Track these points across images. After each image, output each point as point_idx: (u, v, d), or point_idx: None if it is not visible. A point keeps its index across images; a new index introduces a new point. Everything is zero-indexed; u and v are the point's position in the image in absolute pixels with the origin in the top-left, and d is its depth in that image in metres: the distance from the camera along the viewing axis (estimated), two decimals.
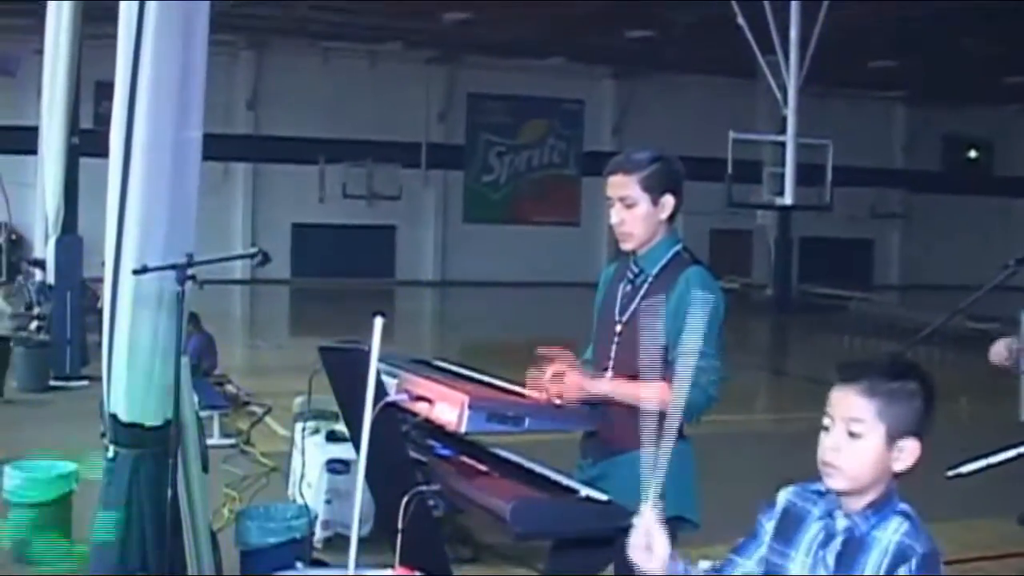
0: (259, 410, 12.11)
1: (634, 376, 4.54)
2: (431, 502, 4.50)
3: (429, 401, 4.57)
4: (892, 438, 3.13)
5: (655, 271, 4.62)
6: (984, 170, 34.41)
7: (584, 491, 4.36)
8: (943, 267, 29.09)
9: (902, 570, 3.07)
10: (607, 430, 4.57)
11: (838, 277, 29.93)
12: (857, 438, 3.15)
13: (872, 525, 3.16)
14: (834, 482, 3.20)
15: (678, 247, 4.67)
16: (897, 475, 3.16)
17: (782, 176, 22.68)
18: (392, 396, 4.60)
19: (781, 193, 22.84)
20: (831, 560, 3.21)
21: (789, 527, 3.34)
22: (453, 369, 5.21)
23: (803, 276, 29.50)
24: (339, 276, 29.89)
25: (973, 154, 35.10)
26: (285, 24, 27.96)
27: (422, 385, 4.70)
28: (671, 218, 4.66)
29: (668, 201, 4.61)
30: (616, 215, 4.64)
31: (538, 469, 4.58)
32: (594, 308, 4.88)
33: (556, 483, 4.48)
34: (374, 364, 4.02)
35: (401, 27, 27.73)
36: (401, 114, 31.51)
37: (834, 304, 27.50)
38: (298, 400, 8.94)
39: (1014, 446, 4.76)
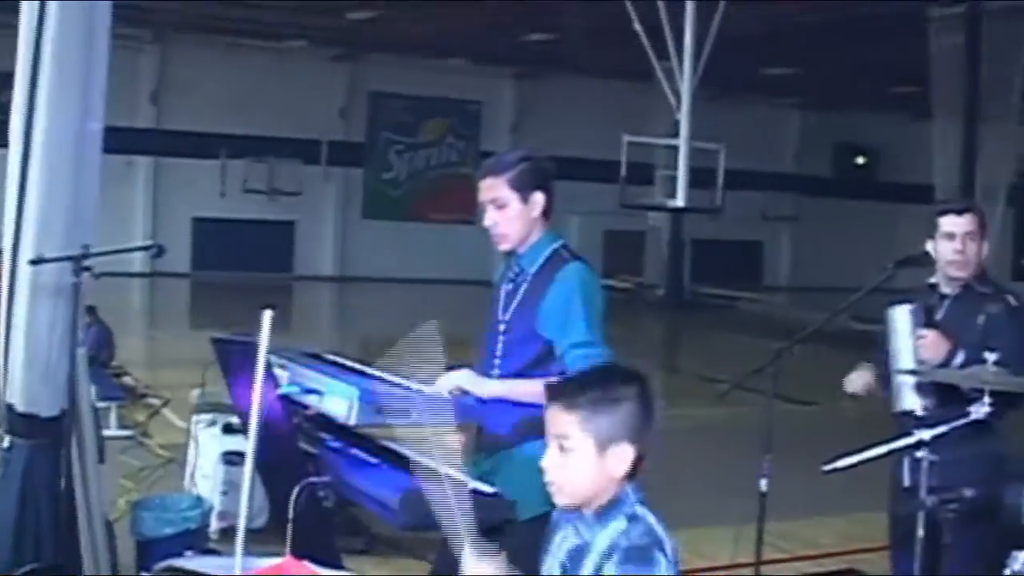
0: (157, 402, 12.12)
1: (520, 373, 4.70)
2: (321, 493, 4.56)
3: (320, 394, 4.66)
4: (603, 447, 3.23)
5: (534, 269, 4.75)
6: (871, 176, 35.03)
7: (471, 483, 4.45)
8: (831, 269, 29.56)
9: (607, 567, 3.16)
10: (496, 425, 4.71)
11: (729, 278, 30.35)
12: (569, 453, 3.24)
13: (596, 531, 3.26)
14: (558, 499, 3.33)
15: (556, 245, 4.80)
16: (630, 477, 3.26)
17: (675, 179, 23.03)
18: (283, 388, 4.69)
19: (674, 195, 23.18)
20: (560, 568, 3.36)
21: (548, 536, 3.49)
22: (344, 362, 5.24)
23: (695, 276, 29.87)
24: (239, 270, 29.75)
25: (861, 160, 35.70)
26: (190, 19, 27.77)
27: (313, 378, 4.78)
28: (546, 215, 4.78)
29: (538, 198, 4.73)
30: (489, 218, 4.76)
31: (427, 461, 4.69)
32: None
33: (445, 475, 4.58)
34: (262, 356, 4.05)
35: (306, 24, 27.66)
36: (304, 111, 31.43)
37: (724, 304, 27.95)
38: (195, 392, 9.00)
39: (888, 441, 4.97)
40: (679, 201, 23.08)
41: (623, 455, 3.25)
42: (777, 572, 7.71)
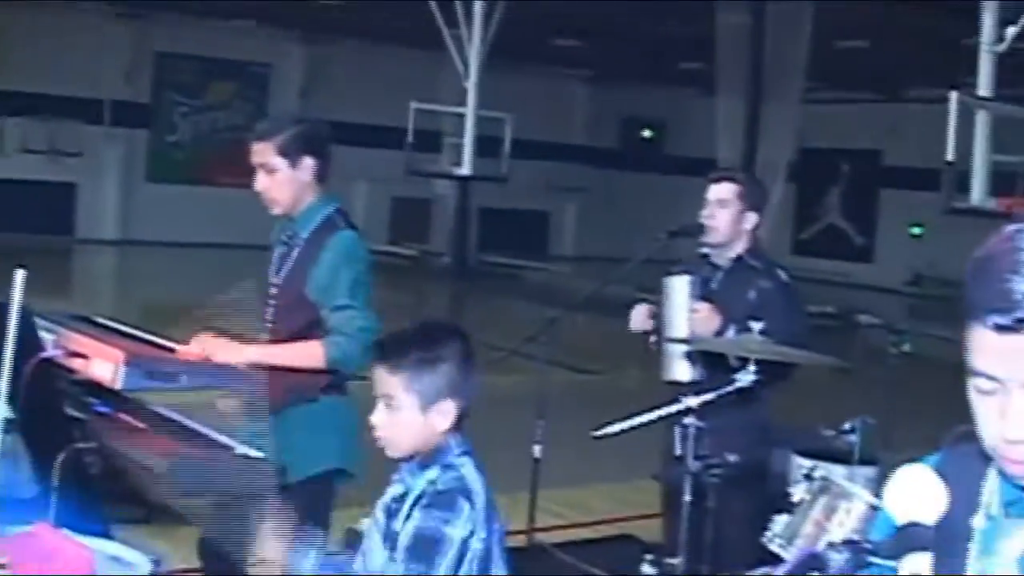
0: None
1: (291, 336, 4.71)
2: (87, 460, 4.46)
3: (85, 357, 4.56)
4: (426, 405, 3.41)
5: (306, 234, 4.80)
6: (658, 149, 35.60)
7: (239, 448, 4.38)
8: (616, 240, 29.90)
9: (416, 510, 3.35)
10: (263, 390, 4.68)
11: (515, 247, 30.54)
12: (395, 411, 3.42)
13: (416, 478, 3.44)
14: (389, 452, 3.50)
15: (330, 210, 4.86)
16: (451, 430, 3.44)
17: (462, 147, 23.12)
18: (47, 352, 4.57)
19: (460, 164, 23.28)
20: (383, 509, 3.53)
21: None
22: (113, 326, 5.15)
23: (481, 245, 29.98)
24: (16, 232, 28.85)
25: (648, 134, 36.24)
26: None
27: (79, 341, 4.64)
28: (320, 180, 4.80)
29: (308, 163, 4.78)
30: (259, 182, 4.80)
31: (196, 427, 4.63)
32: None
33: (213, 441, 4.54)
34: (14, 318, 3.91)
35: None
36: (87, 69, 30.55)
37: (510, 272, 28.15)
38: None
39: (659, 407, 5.05)
40: (465, 169, 23.20)
41: (446, 411, 3.43)
42: (553, 539, 7.80)
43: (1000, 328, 1.81)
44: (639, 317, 5.94)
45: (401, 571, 3.31)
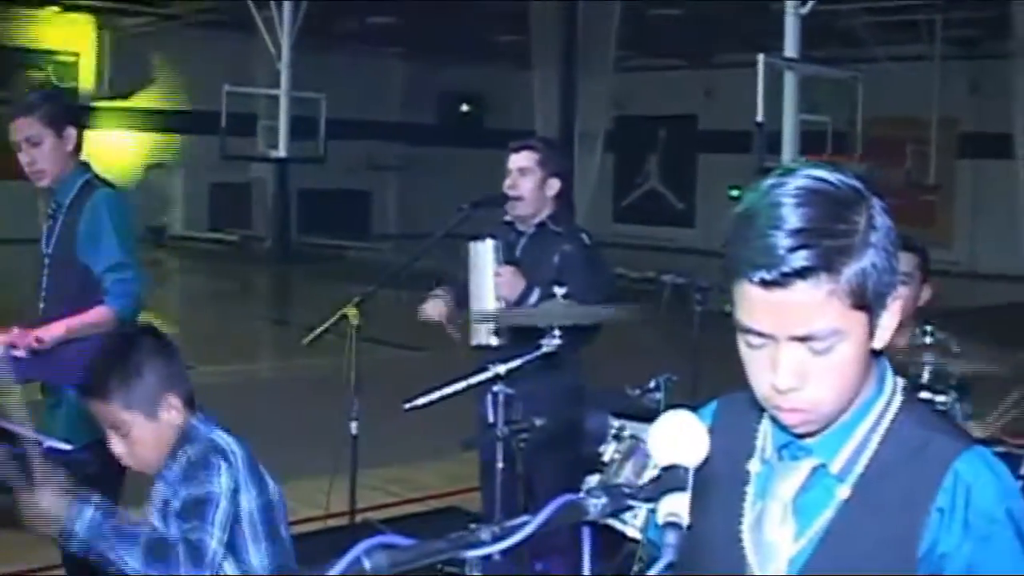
0: None
1: (67, 300, 4.76)
2: None
3: None
4: (152, 411, 3.42)
5: (67, 202, 4.94)
6: (477, 124, 35.62)
7: (47, 442, 4.37)
8: (439, 216, 29.90)
9: (180, 487, 3.36)
10: (57, 374, 4.73)
11: (337, 227, 30.33)
12: (129, 434, 3.42)
13: (170, 467, 3.44)
14: (148, 471, 3.53)
15: (88, 176, 5.04)
16: (187, 416, 3.46)
17: (276, 129, 22.94)
18: None
19: (276, 146, 23.10)
20: (160, 522, 3.48)
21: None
22: None
23: (302, 227, 29.71)
24: None
25: (466, 108, 36.24)
26: None
27: None
28: (77, 151, 5.01)
29: (71, 133, 4.97)
30: (25, 156, 4.90)
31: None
32: None
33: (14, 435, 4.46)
34: None
35: None
36: None
37: (333, 254, 27.96)
38: None
39: (466, 376, 5.05)
40: (281, 151, 23.06)
41: (174, 405, 3.43)
42: (381, 516, 7.78)
43: (766, 283, 1.84)
44: (431, 310, 5.98)
45: (175, 531, 3.31)
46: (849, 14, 22.59)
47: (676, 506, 1.71)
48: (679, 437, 1.79)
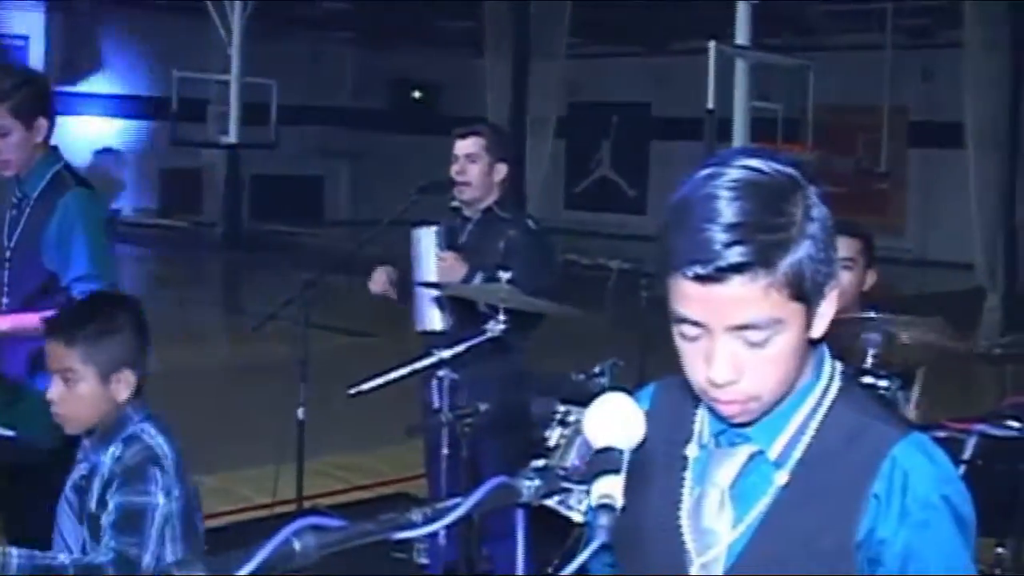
0: None
1: (25, 300, 4.63)
2: None
3: None
4: (105, 376, 3.41)
5: (35, 194, 4.70)
6: (431, 110, 35.52)
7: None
8: (392, 202, 29.87)
9: (109, 494, 3.34)
10: (5, 363, 4.60)
11: (291, 214, 30.22)
12: (74, 384, 3.40)
13: (100, 453, 3.42)
14: (67, 429, 3.50)
15: (58, 167, 4.77)
16: (130, 399, 3.45)
17: (227, 115, 22.86)
18: None
19: (227, 132, 23.01)
20: (73, 488, 3.50)
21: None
22: None
23: (254, 213, 29.57)
24: None
25: (419, 95, 36.15)
26: None
27: None
28: (47, 140, 4.74)
29: (41, 124, 4.69)
30: None
31: None
32: None
33: None
34: None
35: None
36: None
37: (285, 240, 27.87)
38: None
39: (411, 361, 5.04)
40: (232, 137, 22.98)
41: (126, 381, 3.43)
42: (329, 502, 7.77)
43: (700, 278, 1.82)
44: (379, 279, 5.99)
45: (112, 546, 3.29)
46: (801, 2, 22.70)
47: (609, 488, 1.71)
48: (614, 420, 1.79)
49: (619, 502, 1.71)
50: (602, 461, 1.75)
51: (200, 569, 1.40)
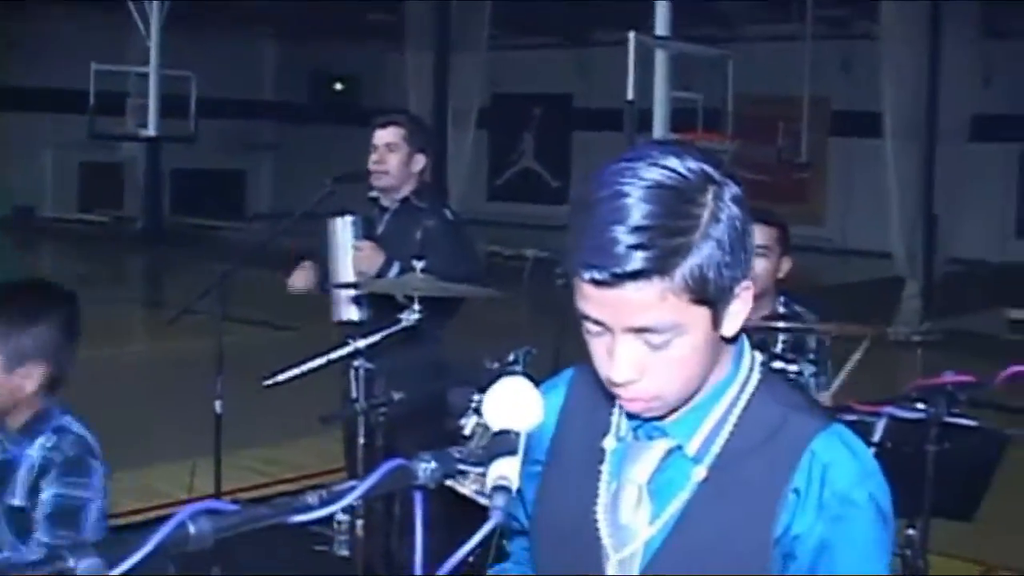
0: None
1: None
2: None
3: None
4: (12, 366, 3.29)
5: None
6: (353, 102, 35.38)
7: None
8: (314, 195, 29.81)
9: (45, 483, 3.26)
10: None
11: (212, 207, 30.02)
12: None
13: (24, 446, 3.32)
14: None
15: None
16: (45, 394, 3.36)
17: (147, 108, 22.69)
18: None
19: (146, 125, 22.83)
20: None
21: None
22: None
23: (176, 207, 29.33)
24: None
25: (339, 87, 36.01)
26: None
27: None
28: None
29: None
30: None
31: None
32: None
33: None
34: None
35: None
36: None
37: (206, 234, 27.68)
38: None
39: (327, 352, 5.03)
40: (151, 130, 22.82)
41: (34, 374, 3.30)
42: (249, 496, 7.73)
43: (597, 283, 1.80)
44: (301, 277, 5.98)
45: (45, 541, 3.23)
46: None
47: (505, 470, 1.72)
48: (511, 402, 1.79)
49: (515, 484, 1.71)
50: (499, 443, 1.76)
51: (93, 554, 1.39)
